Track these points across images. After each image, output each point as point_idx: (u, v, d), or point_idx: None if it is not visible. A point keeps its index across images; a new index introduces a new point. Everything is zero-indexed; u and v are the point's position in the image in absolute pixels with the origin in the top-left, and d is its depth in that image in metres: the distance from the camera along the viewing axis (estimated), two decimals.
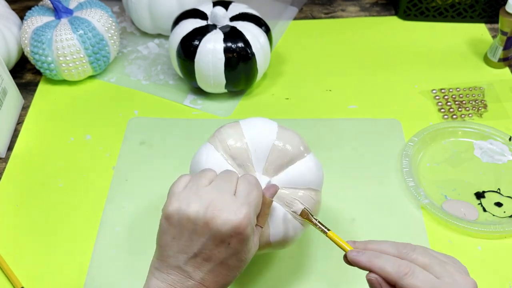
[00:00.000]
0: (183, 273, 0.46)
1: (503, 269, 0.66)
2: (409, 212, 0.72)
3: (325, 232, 0.51)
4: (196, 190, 0.47)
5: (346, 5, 1.10)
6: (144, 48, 1.01)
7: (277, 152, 0.57)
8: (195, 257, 0.46)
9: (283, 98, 0.90)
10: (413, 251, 0.45)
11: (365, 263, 0.45)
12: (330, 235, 0.50)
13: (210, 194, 0.46)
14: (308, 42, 1.01)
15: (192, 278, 0.46)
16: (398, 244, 0.46)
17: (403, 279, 0.42)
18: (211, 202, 0.45)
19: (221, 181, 0.48)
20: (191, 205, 0.45)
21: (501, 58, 0.92)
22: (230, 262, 0.46)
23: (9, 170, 0.79)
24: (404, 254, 0.45)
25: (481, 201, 0.72)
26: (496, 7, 1.00)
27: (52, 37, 0.85)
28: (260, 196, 0.49)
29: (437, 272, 0.43)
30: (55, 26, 0.86)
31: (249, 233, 0.46)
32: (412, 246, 0.46)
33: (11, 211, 0.74)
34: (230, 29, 0.83)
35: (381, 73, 0.94)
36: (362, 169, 0.78)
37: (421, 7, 1.03)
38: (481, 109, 0.86)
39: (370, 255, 0.45)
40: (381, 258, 0.44)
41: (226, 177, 0.49)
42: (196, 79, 0.85)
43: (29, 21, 0.88)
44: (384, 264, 0.43)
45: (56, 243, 0.70)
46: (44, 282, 0.66)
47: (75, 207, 0.74)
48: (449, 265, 0.44)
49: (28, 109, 0.89)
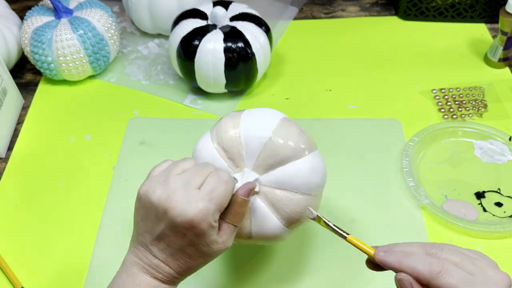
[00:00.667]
0: (149, 251, 0.48)
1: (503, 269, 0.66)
2: (409, 212, 0.72)
3: (344, 237, 0.49)
4: (166, 177, 0.48)
5: (346, 5, 1.10)
6: (144, 48, 1.01)
7: (269, 150, 0.54)
8: (158, 240, 0.48)
9: (283, 98, 0.90)
10: (442, 250, 0.43)
11: (395, 263, 0.43)
12: (350, 239, 0.48)
13: (176, 184, 0.47)
14: (308, 42, 1.01)
15: (156, 257, 0.48)
16: (425, 244, 0.44)
17: (437, 278, 0.41)
18: (173, 192, 0.46)
19: (192, 173, 0.49)
20: (156, 191, 0.47)
21: (501, 58, 0.92)
22: (189, 251, 0.47)
23: (9, 170, 0.79)
24: (433, 253, 0.43)
25: (481, 201, 0.72)
26: (496, 7, 1.00)
27: (52, 37, 0.85)
28: (227, 193, 0.48)
29: (470, 269, 0.42)
30: (55, 26, 0.86)
31: (204, 228, 0.46)
32: (440, 245, 0.44)
33: (11, 211, 0.74)
34: (230, 29, 0.83)
35: (381, 73, 0.94)
36: (362, 169, 0.77)
37: (421, 7, 1.03)
38: (481, 109, 0.86)
39: (399, 254, 0.43)
40: (411, 258, 0.42)
41: (198, 170, 0.49)
42: (196, 79, 0.85)
43: (29, 21, 0.88)
44: (415, 263, 0.42)
45: (56, 243, 0.70)
46: (44, 282, 0.66)
47: (75, 207, 0.74)
48: (479, 261, 0.43)
49: (28, 109, 0.89)
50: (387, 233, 0.69)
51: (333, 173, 0.74)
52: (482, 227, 0.68)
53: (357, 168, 0.78)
